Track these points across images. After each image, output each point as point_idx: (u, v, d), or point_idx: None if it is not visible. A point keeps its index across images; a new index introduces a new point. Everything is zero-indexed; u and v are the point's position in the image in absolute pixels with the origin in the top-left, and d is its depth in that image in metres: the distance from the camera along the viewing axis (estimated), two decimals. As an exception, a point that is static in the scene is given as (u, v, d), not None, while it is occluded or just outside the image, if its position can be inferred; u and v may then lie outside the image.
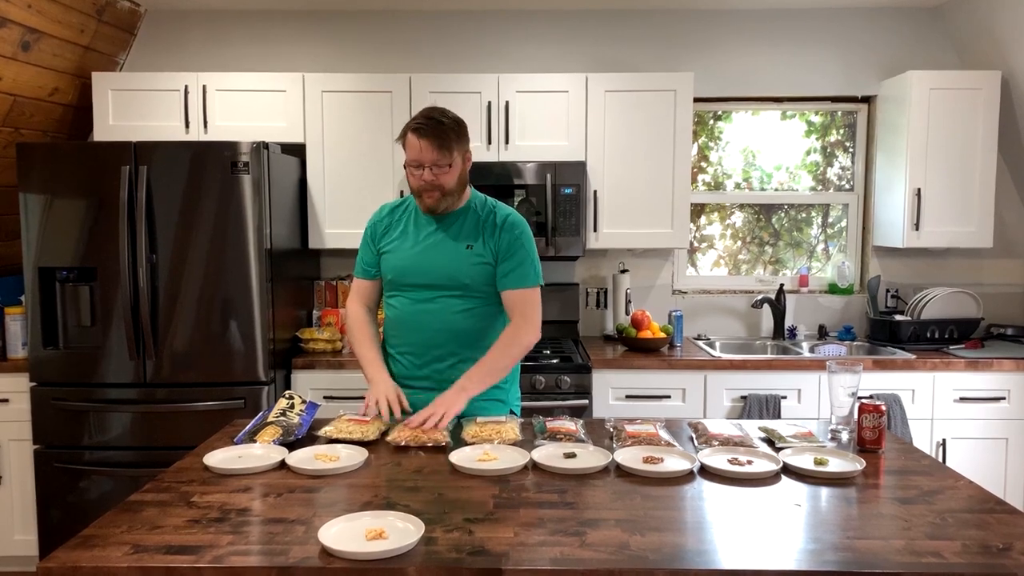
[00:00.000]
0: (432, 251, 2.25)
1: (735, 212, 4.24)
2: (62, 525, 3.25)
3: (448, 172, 2.17)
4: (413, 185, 2.21)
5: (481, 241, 2.24)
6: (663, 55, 3.98)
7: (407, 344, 2.31)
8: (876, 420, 1.96)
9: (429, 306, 2.25)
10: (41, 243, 3.19)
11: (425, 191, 2.18)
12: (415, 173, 2.17)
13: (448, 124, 2.17)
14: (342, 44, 4.00)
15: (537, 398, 3.30)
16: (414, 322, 2.27)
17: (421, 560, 1.33)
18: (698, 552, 1.37)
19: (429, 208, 2.22)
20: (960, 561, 1.34)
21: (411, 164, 2.17)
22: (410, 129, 2.16)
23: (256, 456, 1.88)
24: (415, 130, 2.15)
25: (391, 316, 2.33)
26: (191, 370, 3.21)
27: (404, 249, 2.28)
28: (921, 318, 3.69)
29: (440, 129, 2.14)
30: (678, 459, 1.84)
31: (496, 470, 1.77)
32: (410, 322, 2.28)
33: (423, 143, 2.13)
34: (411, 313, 2.27)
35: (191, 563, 1.33)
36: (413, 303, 2.27)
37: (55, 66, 3.47)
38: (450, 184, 2.19)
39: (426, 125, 2.14)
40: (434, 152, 2.13)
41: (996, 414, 3.38)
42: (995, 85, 3.59)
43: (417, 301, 2.26)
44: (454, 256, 2.23)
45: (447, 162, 2.16)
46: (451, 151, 2.16)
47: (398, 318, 2.30)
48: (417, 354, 2.29)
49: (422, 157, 2.14)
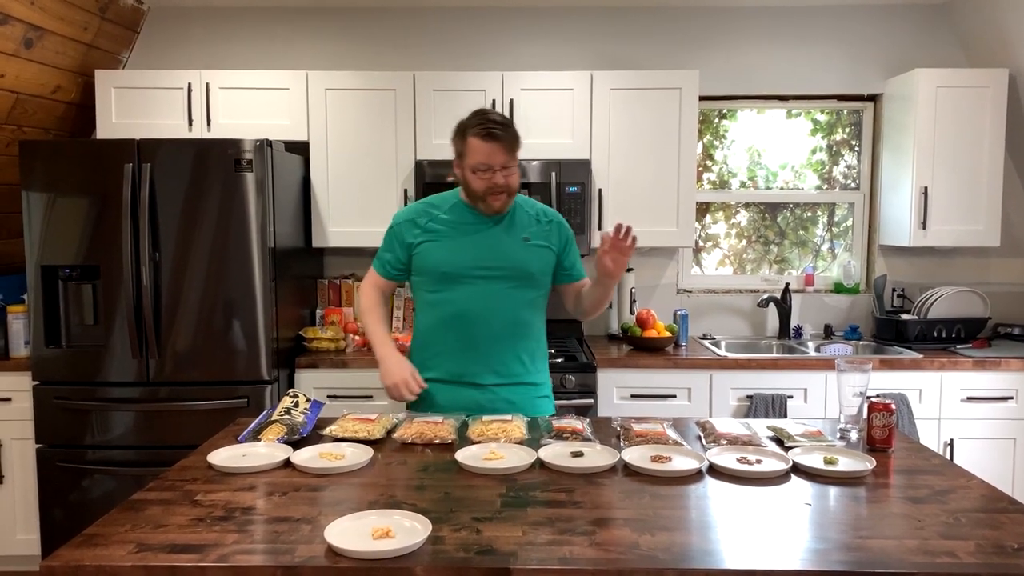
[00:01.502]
0: (492, 242, 2.27)
1: (740, 211, 4.22)
2: (64, 524, 3.23)
3: (514, 174, 2.21)
4: (479, 188, 2.19)
5: (541, 235, 2.31)
6: (668, 53, 3.97)
7: (463, 339, 2.27)
8: (886, 419, 1.94)
9: (498, 298, 2.26)
10: (44, 241, 3.17)
11: (494, 194, 2.20)
12: (484, 176, 2.17)
13: (512, 126, 2.21)
14: (346, 41, 3.99)
15: (542, 397, 3.28)
16: (483, 316, 2.25)
17: (428, 559, 1.32)
18: (708, 552, 1.36)
19: (497, 210, 2.24)
20: (975, 561, 1.32)
21: (479, 167, 2.16)
22: (478, 134, 2.16)
23: (260, 455, 1.86)
24: (488, 134, 2.15)
25: (443, 315, 2.28)
26: (194, 369, 3.19)
27: (458, 241, 2.27)
28: (928, 317, 3.67)
29: (508, 132, 2.18)
30: (686, 458, 1.82)
31: (503, 469, 1.75)
32: (479, 316, 2.25)
33: (495, 146, 2.15)
34: (482, 307, 2.25)
35: (195, 562, 1.31)
36: (481, 296, 2.25)
37: (58, 63, 3.46)
38: (515, 184, 2.23)
39: (497, 128, 2.16)
40: (505, 155, 2.16)
41: (1004, 414, 3.36)
42: (1002, 83, 3.57)
43: (485, 294, 2.25)
44: (516, 246, 2.27)
45: (515, 164, 2.20)
46: (516, 153, 2.21)
47: (456, 314, 2.26)
48: (476, 349, 2.27)
49: (494, 160, 2.15)
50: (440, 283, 2.28)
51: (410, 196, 3.61)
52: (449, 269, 2.26)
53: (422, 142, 3.61)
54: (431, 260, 2.28)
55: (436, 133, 3.61)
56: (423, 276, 2.32)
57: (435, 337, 2.32)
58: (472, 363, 2.28)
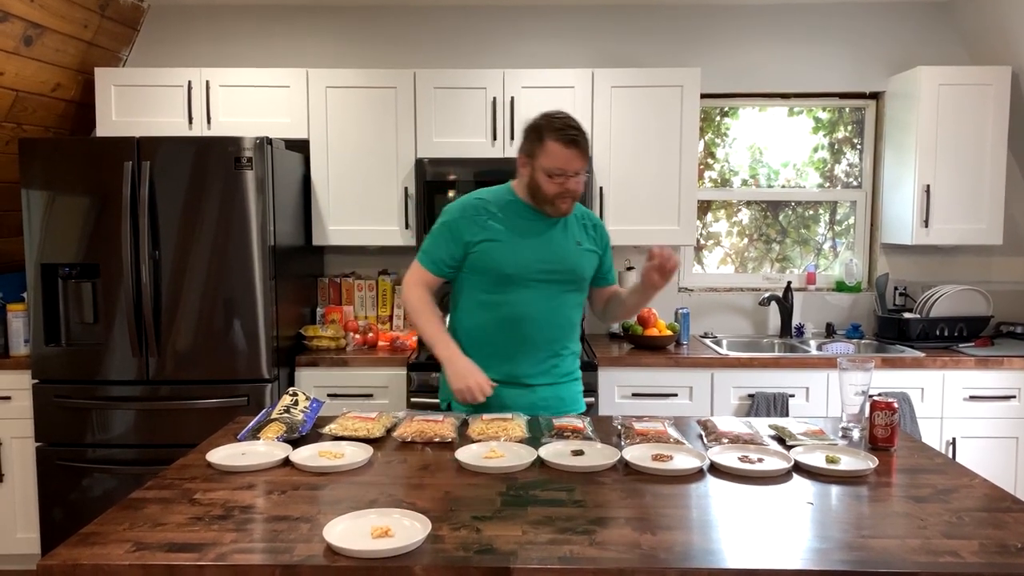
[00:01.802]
0: (551, 245, 2.27)
1: (742, 209, 4.21)
2: (64, 523, 3.23)
3: (582, 179, 2.22)
4: (551, 192, 2.19)
5: (587, 238, 2.34)
6: (670, 50, 3.95)
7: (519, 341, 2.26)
8: (889, 418, 1.93)
9: (556, 301, 2.27)
10: (44, 239, 3.17)
11: (563, 198, 2.20)
12: (558, 180, 2.17)
13: (584, 132, 2.20)
14: (346, 39, 3.98)
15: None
16: (542, 318, 2.25)
17: (428, 558, 1.31)
18: (709, 551, 1.35)
19: (563, 213, 2.25)
20: (979, 561, 1.31)
21: (555, 172, 2.16)
22: (560, 139, 2.15)
23: (260, 453, 1.86)
24: (569, 140, 2.15)
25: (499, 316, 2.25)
26: (194, 367, 3.19)
27: (519, 242, 2.24)
28: (930, 316, 3.66)
29: (584, 139, 2.18)
30: (688, 457, 1.82)
31: (503, 467, 1.73)
32: (538, 318, 2.25)
33: (573, 153, 2.15)
34: (542, 309, 2.25)
35: (193, 561, 1.31)
36: (541, 299, 2.25)
37: (58, 61, 3.46)
38: (582, 190, 2.24)
39: (578, 135, 2.16)
40: (581, 161, 2.18)
41: (1006, 413, 3.35)
42: (1005, 81, 3.55)
43: (545, 297, 2.25)
44: (572, 251, 2.29)
45: (586, 169, 2.23)
46: (589, 158, 2.31)
47: (514, 316, 2.23)
48: (532, 350, 2.27)
49: (572, 166, 2.16)
50: (499, 284, 2.24)
51: (410, 194, 3.60)
52: (512, 271, 2.22)
53: (423, 140, 3.60)
54: (492, 260, 2.23)
55: (437, 131, 3.60)
56: (480, 276, 2.26)
57: (488, 338, 2.27)
58: (526, 365, 2.27)
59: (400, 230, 3.64)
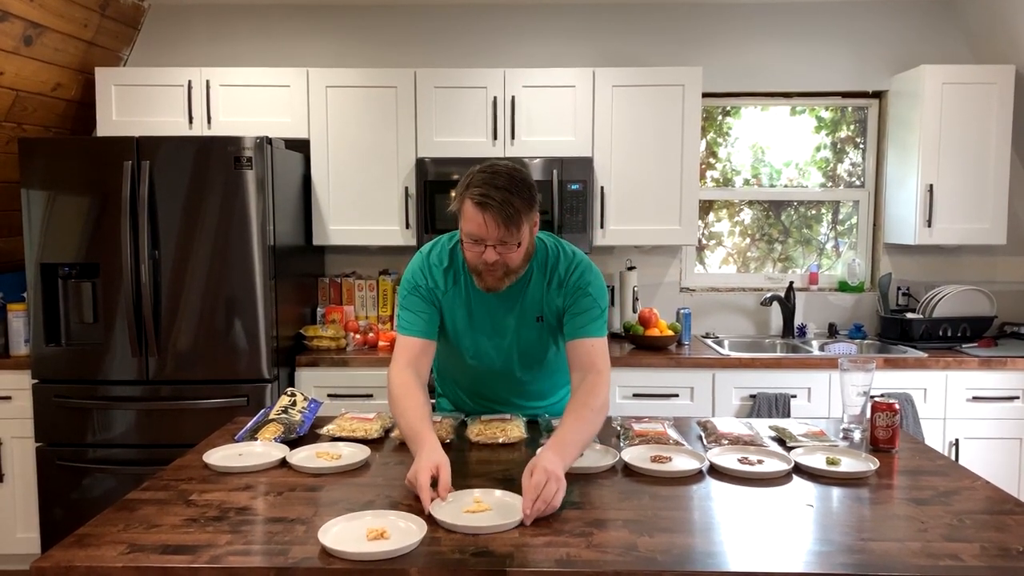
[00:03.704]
0: (501, 329, 2.00)
1: (744, 209, 4.19)
2: (64, 523, 3.22)
3: (514, 251, 1.81)
4: (471, 261, 1.85)
5: (551, 307, 1.98)
6: (671, 49, 3.94)
7: (476, 386, 2.19)
8: (890, 419, 1.92)
9: (501, 379, 2.12)
10: (43, 239, 3.16)
11: (487, 271, 1.84)
12: (475, 250, 1.80)
13: (515, 192, 1.76)
14: (346, 39, 3.97)
15: (543, 396, 3.26)
16: (484, 388, 2.17)
17: (423, 561, 1.30)
18: (708, 554, 1.33)
19: (490, 289, 1.89)
20: (979, 564, 1.30)
21: (468, 238, 1.80)
22: (472, 196, 1.75)
23: (257, 454, 1.85)
24: (477, 203, 1.74)
25: (456, 362, 2.15)
26: (194, 367, 3.18)
27: (467, 325, 2.01)
28: (933, 316, 3.64)
29: (506, 201, 1.74)
30: (687, 458, 1.80)
31: (480, 528, 1.42)
32: (479, 388, 2.17)
33: (487, 218, 1.74)
34: (481, 382, 2.16)
35: (187, 563, 1.30)
36: (482, 376, 2.12)
37: (58, 61, 3.45)
38: (516, 262, 1.84)
39: (489, 197, 1.73)
40: (499, 229, 1.75)
41: (1010, 414, 3.33)
42: (1009, 79, 3.53)
43: (488, 375, 2.11)
44: (526, 331, 1.99)
45: (515, 240, 1.79)
46: (519, 226, 1.77)
47: (485, 374, 2.12)
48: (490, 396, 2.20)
49: (485, 234, 1.76)
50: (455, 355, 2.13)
51: (411, 194, 3.59)
52: (462, 348, 2.06)
53: (423, 140, 3.59)
54: (456, 344, 2.07)
55: (437, 130, 3.59)
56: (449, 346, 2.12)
57: (457, 378, 2.23)
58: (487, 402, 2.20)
59: (401, 230, 3.63)
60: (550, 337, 2.03)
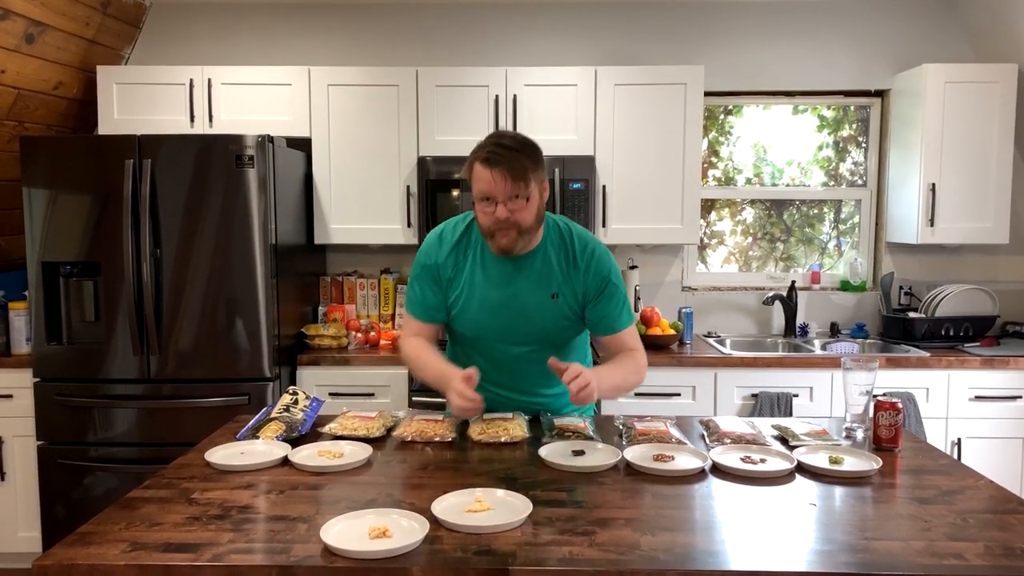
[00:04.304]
0: (516, 305, 2.00)
1: (746, 208, 4.18)
2: (66, 522, 3.23)
3: (525, 207, 1.88)
4: (484, 224, 1.93)
5: (569, 286, 2.02)
6: (673, 48, 3.93)
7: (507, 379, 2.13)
8: (893, 418, 1.91)
9: (514, 363, 2.08)
10: (45, 238, 3.16)
11: (499, 230, 1.90)
12: (486, 210, 1.89)
13: (521, 150, 1.87)
14: (348, 37, 3.97)
15: (545, 395, 3.26)
16: (495, 377, 2.11)
17: (425, 559, 1.30)
18: (710, 552, 1.33)
19: (504, 250, 1.94)
20: (983, 563, 1.29)
21: (479, 198, 1.89)
22: (479, 157, 1.88)
23: (259, 452, 1.84)
24: (487, 159, 1.85)
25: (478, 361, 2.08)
26: (196, 366, 3.18)
27: (481, 301, 2.02)
28: (935, 315, 3.63)
29: (513, 156, 1.85)
30: (689, 457, 1.80)
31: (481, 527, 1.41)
32: (491, 376, 2.08)
33: (495, 174, 1.84)
34: (493, 371, 2.09)
35: (190, 561, 1.29)
36: (494, 362, 2.09)
37: (59, 59, 3.45)
38: (528, 221, 1.90)
39: (496, 153, 1.85)
40: (508, 184, 1.84)
41: (1012, 413, 3.33)
42: (1012, 78, 3.53)
43: (500, 360, 2.08)
44: (541, 309, 2.00)
45: (524, 194, 1.87)
46: (527, 181, 1.87)
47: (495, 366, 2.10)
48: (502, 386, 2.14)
49: (494, 190, 1.85)
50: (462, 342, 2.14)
51: (412, 193, 3.59)
52: (474, 334, 2.09)
53: (425, 138, 3.59)
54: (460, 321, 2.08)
55: (439, 129, 3.59)
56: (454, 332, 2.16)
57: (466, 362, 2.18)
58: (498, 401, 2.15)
59: (402, 228, 3.63)
60: (564, 317, 2.05)
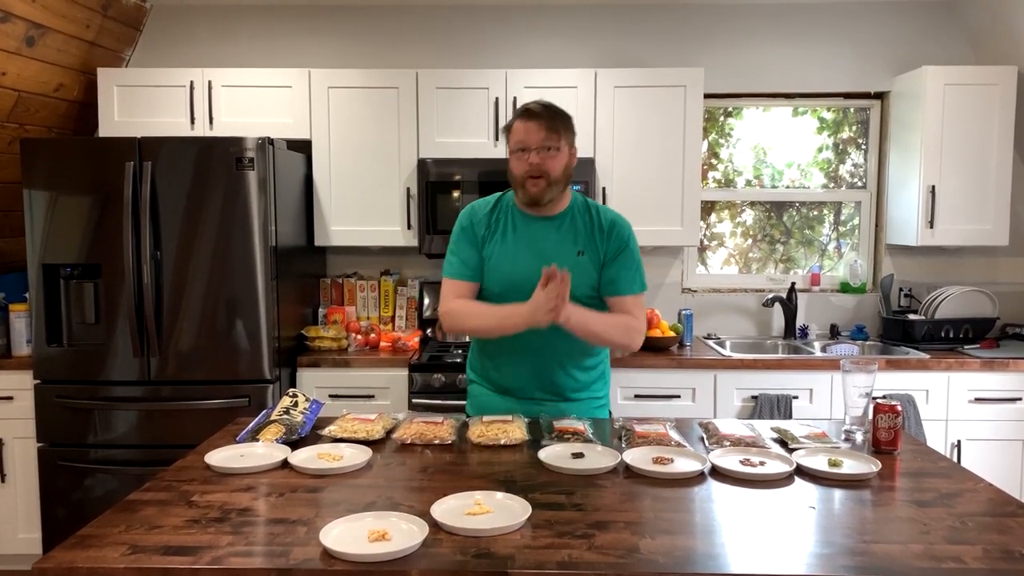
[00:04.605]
0: (542, 256, 2.11)
1: (746, 210, 4.19)
2: (66, 523, 3.23)
3: (555, 157, 2.08)
4: (517, 171, 2.11)
5: (592, 247, 2.16)
6: (673, 50, 3.94)
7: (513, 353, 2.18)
8: (892, 421, 1.91)
9: (537, 340, 2.10)
10: (45, 240, 3.17)
11: (530, 178, 2.08)
12: (521, 157, 2.09)
13: (556, 112, 2.12)
14: (348, 39, 3.97)
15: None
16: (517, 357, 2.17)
17: (424, 563, 1.30)
18: (710, 556, 1.33)
19: (533, 198, 2.11)
20: (982, 567, 1.29)
21: (516, 148, 2.09)
22: (517, 116, 2.11)
23: (258, 455, 1.85)
24: (524, 113, 2.09)
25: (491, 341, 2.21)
26: (196, 368, 3.18)
27: (512, 256, 2.15)
28: (935, 317, 3.63)
29: (548, 112, 2.09)
30: (689, 460, 1.80)
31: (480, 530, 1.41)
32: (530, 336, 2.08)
33: (530, 124, 2.07)
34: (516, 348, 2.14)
35: (189, 564, 1.30)
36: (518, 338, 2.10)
37: (60, 62, 3.46)
38: (556, 171, 2.09)
39: (534, 109, 2.09)
40: (541, 132, 2.06)
41: (1012, 415, 3.33)
42: (1011, 80, 3.53)
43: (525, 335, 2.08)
44: (568, 264, 2.05)
45: (555, 145, 2.08)
46: (559, 134, 2.09)
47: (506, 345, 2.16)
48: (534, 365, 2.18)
49: (529, 139, 2.06)
50: (492, 299, 2.18)
51: (412, 195, 3.59)
52: (502, 289, 2.15)
53: (425, 140, 3.59)
54: (490, 276, 2.18)
55: (439, 131, 3.59)
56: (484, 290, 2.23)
57: (485, 349, 2.26)
58: (521, 378, 2.20)
59: (402, 230, 3.63)
60: (589, 284, 2.16)
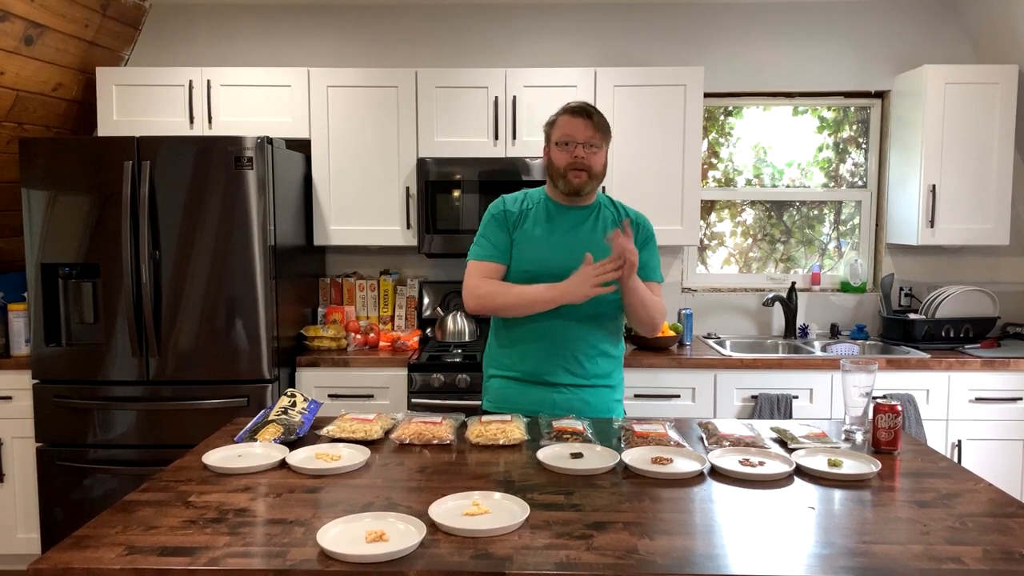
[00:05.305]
0: (575, 240, 2.23)
1: (746, 209, 4.18)
2: (65, 523, 3.22)
3: (597, 155, 2.22)
4: (561, 163, 2.22)
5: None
6: (673, 49, 3.93)
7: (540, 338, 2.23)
8: (892, 421, 1.91)
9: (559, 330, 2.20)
10: (44, 239, 3.16)
11: (573, 170, 2.20)
12: (566, 149, 2.20)
13: (601, 115, 2.25)
14: (347, 38, 3.97)
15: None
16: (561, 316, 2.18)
17: (422, 563, 1.29)
18: (708, 556, 1.33)
19: (575, 188, 2.22)
20: (982, 568, 1.29)
21: (562, 141, 2.21)
22: (566, 110, 2.23)
23: (256, 455, 1.84)
24: (574, 110, 2.22)
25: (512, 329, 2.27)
26: (195, 368, 3.18)
27: (545, 239, 2.25)
28: (936, 317, 3.63)
29: (595, 114, 2.22)
30: (688, 460, 1.79)
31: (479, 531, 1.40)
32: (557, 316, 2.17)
33: (579, 121, 2.20)
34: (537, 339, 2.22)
35: (185, 565, 1.29)
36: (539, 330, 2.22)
37: (59, 61, 3.45)
38: (597, 167, 2.23)
39: (582, 107, 2.22)
40: (589, 130, 2.19)
41: (1013, 415, 3.32)
42: (1012, 79, 3.52)
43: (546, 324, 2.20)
44: (597, 248, 2.16)
45: (598, 144, 2.22)
46: (602, 135, 2.23)
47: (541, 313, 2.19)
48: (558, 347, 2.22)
49: (576, 133, 2.19)
50: (522, 282, 2.22)
51: (412, 194, 3.58)
52: (532, 268, 2.22)
53: (424, 139, 3.59)
54: (521, 256, 2.25)
55: (438, 130, 3.59)
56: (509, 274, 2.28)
57: (510, 333, 2.29)
58: (548, 362, 2.24)
59: (402, 230, 3.63)
60: None
